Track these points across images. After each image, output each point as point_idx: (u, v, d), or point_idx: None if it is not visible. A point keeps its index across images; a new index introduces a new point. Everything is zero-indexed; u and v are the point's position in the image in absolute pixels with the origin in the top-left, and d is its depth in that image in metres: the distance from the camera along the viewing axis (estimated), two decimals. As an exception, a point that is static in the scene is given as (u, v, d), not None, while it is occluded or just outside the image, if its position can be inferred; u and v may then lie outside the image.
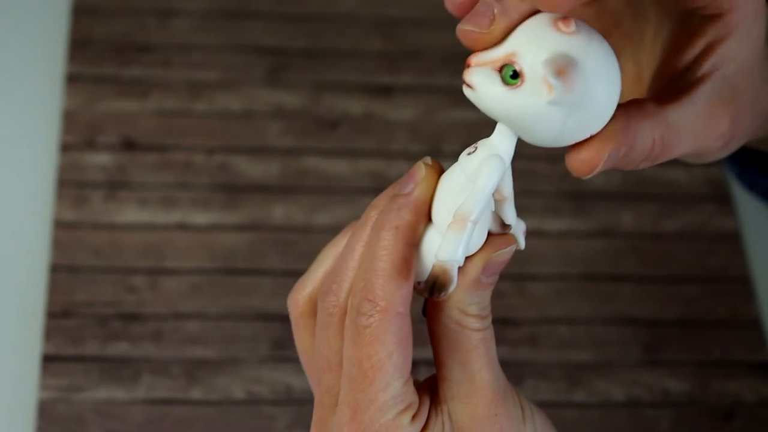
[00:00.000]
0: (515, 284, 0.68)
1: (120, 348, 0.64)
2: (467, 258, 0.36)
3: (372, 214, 0.38)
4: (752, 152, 0.60)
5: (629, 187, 0.73)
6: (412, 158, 0.72)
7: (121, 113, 0.73)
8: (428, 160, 0.37)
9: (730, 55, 0.39)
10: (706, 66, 0.39)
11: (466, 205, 0.35)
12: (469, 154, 0.36)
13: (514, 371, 0.65)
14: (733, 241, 0.71)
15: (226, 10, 0.78)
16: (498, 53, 0.34)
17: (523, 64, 0.34)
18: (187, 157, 0.71)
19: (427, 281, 0.36)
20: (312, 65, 0.76)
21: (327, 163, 0.72)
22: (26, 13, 0.77)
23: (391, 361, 0.36)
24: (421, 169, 0.37)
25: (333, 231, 0.68)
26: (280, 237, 0.68)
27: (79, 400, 0.62)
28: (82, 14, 0.76)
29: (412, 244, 0.36)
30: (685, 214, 0.72)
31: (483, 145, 0.36)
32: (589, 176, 0.36)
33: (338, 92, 0.75)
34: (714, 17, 0.38)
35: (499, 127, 0.36)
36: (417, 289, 0.37)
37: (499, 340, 0.37)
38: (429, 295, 0.36)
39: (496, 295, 0.67)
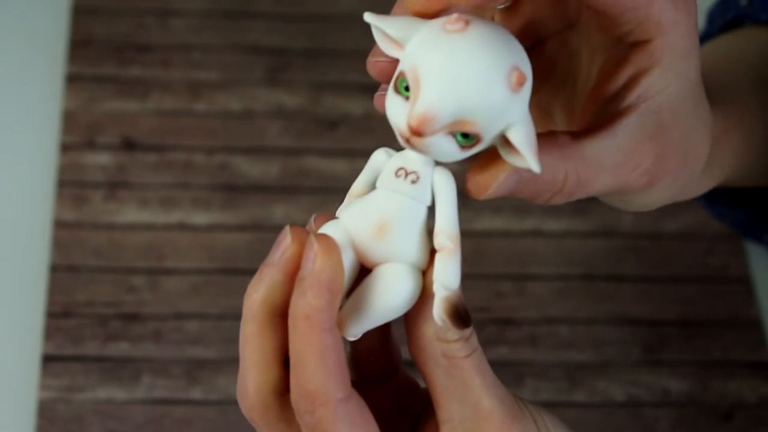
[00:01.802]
0: (515, 284, 0.68)
1: (120, 348, 0.64)
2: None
3: (248, 303, 0.36)
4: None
5: (629, 187, 0.73)
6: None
7: (121, 113, 0.73)
8: (289, 227, 0.35)
9: (656, 87, 0.37)
10: (630, 97, 0.37)
11: (451, 227, 0.34)
12: (411, 181, 0.35)
13: (514, 371, 0.65)
14: (733, 241, 0.71)
15: (226, 10, 0.78)
16: (448, 116, 0.32)
17: (481, 132, 0.32)
18: (187, 157, 0.71)
19: (452, 316, 0.34)
20: (312, 65, 0.76)
21: (327, 163, 0.72)
22: (26, 13, 0.77)
23: None
24: (286, 235, 0.35)
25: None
26: (280, 237, 0.68)
27: (79, 400, 0.62)
28: (82, 14, 0.76)
29: (329, 328, 0.33)
30: (685, 214, 0.72)
31: (410, 161, 0.35)
32: (483, 198, 0.35)
33: (338, 92, 0.75)
34: (641, 45, 0.37)
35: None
36: (441, 337, 0.35)
37: (499, 340, 0.36)
38: (463, 327, 0.33)
39: (497, 295, 0.67)
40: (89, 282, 0.66)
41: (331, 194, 0.70)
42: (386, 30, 0.34)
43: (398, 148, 0.36)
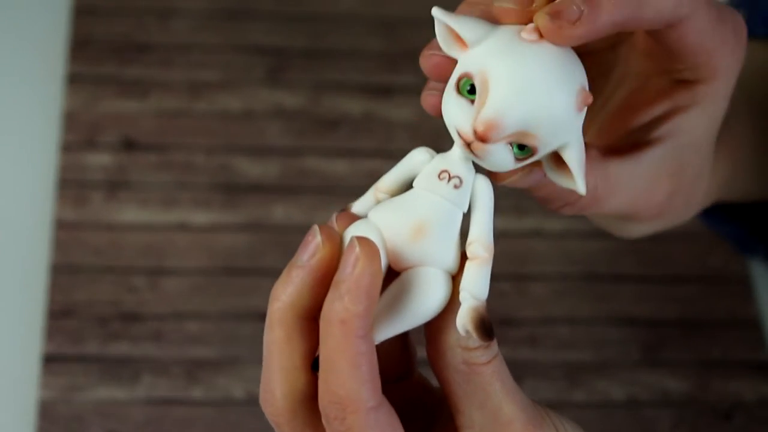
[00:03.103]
0: (515, 284, 0.68)
1: (120, 348, 0.64)
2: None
3: (275, 307, 0.34)
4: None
5: (629, 187, 0.73)
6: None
7: (122, 113, 0.73)
8: (317, 227, 0.34)
9: (688, 125, 0.37)
10: (661, 130, 0.37)
11: (487, 237, 0.34)
12: (454, 185, 0.34)
13: (513, 371, 0.64)
14: (733, 241, 0.71)
15: (226, 10, 0.78)
16: (514, 125, 0.32)
17: (539, 147, 0.32)
18: (187, 157, 0.71)
19: (478, 327, 0.33)
20: (312, 65, 0.76)
21: (327, 163, 0.72)
22: (26, 13, 0.77)
23: None
24: (316, 236, 0.34)
25: (333, 231, 0.69)
26: (280, 237, 0.68)
27: (79, 400, 0.62)
28: (82, 14, 0.76)
29: (364, 335, 0.32)
30: (685, 214, 0.72)
31: (455, 164, 0.34)
32: (503, 183, 0.34)
33: (338, 92, 0.75)
34: (687, 84, 0.37)
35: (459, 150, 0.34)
36: (462, 344, 0.34)
37: (499, 340, 0.36)
38: (488, 339, 0.33)
39: (496, 295, 0.67)
40: (89, 282, 0.66)
41: (331, 194, 0.70)
42: (458, 28, 0.33)
43: (442, 149, 0.35)
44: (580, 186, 0.32)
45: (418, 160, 0.35)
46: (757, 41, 0.57)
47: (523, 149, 0.32)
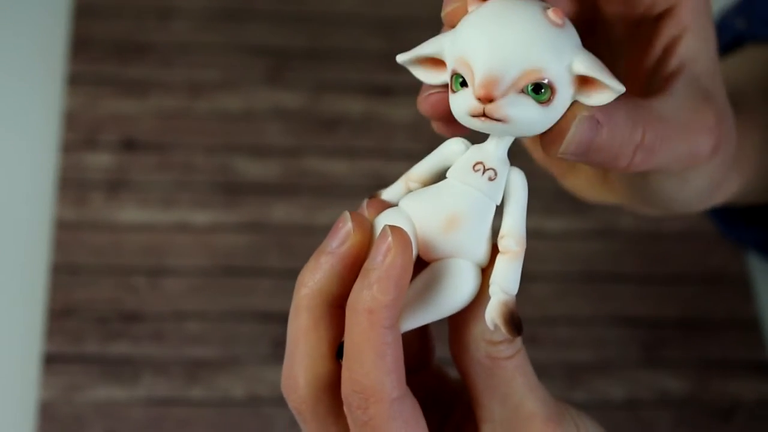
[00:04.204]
0: (515, 284, 0.68)
1: (120, 348, 0.64)
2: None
3: (303, 293, 0.34)
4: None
5: (629, 187, 0.73)
6: (413, 158, 0.72)
7: (122, 113, 0.73)
8: (348, 214, 0.34)
9: (691, 53, 0.37)
10: (671, 65, 0.37)
11: (520, 231, 0.34)
12: (489, 178, 0.34)
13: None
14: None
15: (226, 10, 0.78)
16: (510, 73, 0.31)
17: (550, 77, 0.32)
18: (187, 157, 0.71)
19: (507, 322, 0.33)
20: (312, 65, 0.76)
21: (327, 163, 0.72)
22: (26, 13, 0.77)
23: None
24: (347, 222, 0.34)
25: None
26: (280, 237, 0.68)
27: (79, 400, 0.62)
28: (82, 14, 0.76)
29: (391, 325, 0.32)
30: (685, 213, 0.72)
31: (490, 156, 0.34)
32: (559, 153, 0.33)
33: (338, 92, 0.75)
34: (665, 15, 0.37)
35: (494, 139, 0.34)
36: (487, 338, 0.34)
37: None
38: (516, 334, 0.33)
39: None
40: (89, 282, 0.66)
41: (331, 194, 0.70)
42: (422, 52, 0.33)
43: (476, 141, 0.35)
44: (611, 83, 0.32)
45: (453, 150, 0.35)
46: (764, 44, 0.57)
47: (540, 93, 0.32)
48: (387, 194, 0.36)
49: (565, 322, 0.67)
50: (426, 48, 0.34)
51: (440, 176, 0.35)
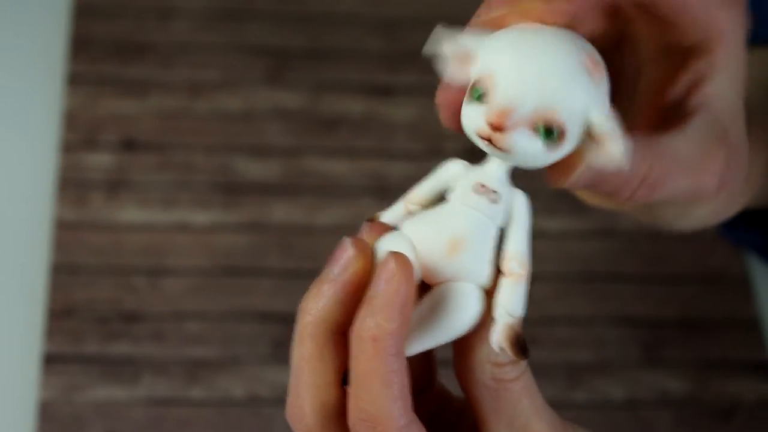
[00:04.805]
0: (515, 284, 0.68)
1: (120, 348, 0.64)
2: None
3: (306, 321, 0.34)
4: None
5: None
6: (412, 158, 0.72)
7: (122, 113, 0.73)
8: (349, 240, 0.33)
9: (716, 93, 0.37)
10: (693, 102, 0.37)
11: (524, 254, 0.33)
12: (491, 200, 0.33)
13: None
14: (732, 241, 0.71)
15: (226, 10, 0.78)
16: (527, 107, 0.31)
17: (566, 121, 0.31)
18: (187, 157, 0.71)
19: (513, 345, 0.33)
20: (312, 65, 0.76)
21: (327, 163, 0.72)
22: (26, 13, 0.77)
23: None
24: (349, 249, 0.33)
25: (333, 231, 0.69)
26: (280, 237, 0.68)
27: (79, 399, 0.62)
28: (82, 14, 0.76)
29: (397, 353, 0.32)
30: (684, 214, 0.72)
31: (492, 178, 0.34)
32: (564, 184, 0.34)
33: (338, 92, 0.75)
34: (699, 53, 0.37)
35: (495, 160, 0.34)
36: (492, 360, 0.34)
37: None
38: (522, 357, 0.33)
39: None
40: (89, 282, 0.66)
41: (331, 194, 0.70)
42: (459, 41, 0.33)
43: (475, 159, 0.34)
44: (622, 148, 0.31)
45: (452, 172, 0.35)
46: (765, 47, 0.57)
47: (550, 134, 0.31)
48: (386, 217, 0.36)
49: (565, 322, 0.67)
50: (468, 42, 0.33)
51: (440, 198, 0.35)
